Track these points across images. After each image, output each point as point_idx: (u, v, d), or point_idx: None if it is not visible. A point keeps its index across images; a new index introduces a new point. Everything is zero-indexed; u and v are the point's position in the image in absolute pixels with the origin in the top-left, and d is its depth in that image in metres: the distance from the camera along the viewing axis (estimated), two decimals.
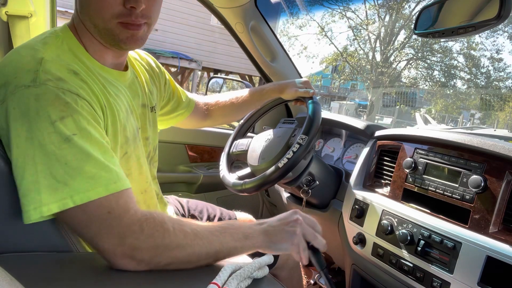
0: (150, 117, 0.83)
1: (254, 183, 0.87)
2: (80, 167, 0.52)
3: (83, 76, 0.60)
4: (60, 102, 0.53)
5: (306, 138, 0.83)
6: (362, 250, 0.97)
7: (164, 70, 0.97)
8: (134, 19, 0.62)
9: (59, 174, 0.51)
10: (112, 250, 0.52)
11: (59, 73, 0.56)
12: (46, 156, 0.51)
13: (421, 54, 16.11)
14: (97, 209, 0.52)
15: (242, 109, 1.11)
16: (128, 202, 0.55)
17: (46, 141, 0.51)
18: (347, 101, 19.73)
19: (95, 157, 0.53)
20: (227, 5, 1.29)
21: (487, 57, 15.65)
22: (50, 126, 0.51)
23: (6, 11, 1.04)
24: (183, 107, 1.05)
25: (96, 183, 0.52)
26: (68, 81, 0.56)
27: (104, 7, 0.60)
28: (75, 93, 0.55)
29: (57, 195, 0.50)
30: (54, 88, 0.53)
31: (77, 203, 0.51)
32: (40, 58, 0.56)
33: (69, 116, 0.53)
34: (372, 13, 16.14)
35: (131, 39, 0.64)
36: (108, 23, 0.62)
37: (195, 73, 10.00)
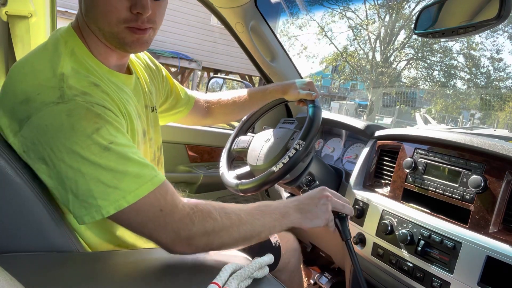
0: (151, 117, 0.83)
1: (250, 184, 0.88)
2: (124, 170, 0.56)
3: (103, 87, 0.62)
4: (92, 115, 0.56)
5: (303, 144, 0.83)
6: (362, 250, 0.97)
7: (161, 66, 0.97)
8: (140, 24, 0.63)
9: (107, 180, 0.54)
10: (170, 242, 0.58)
11: (82, 87, 0.58)
12: (92, 166, 0.54)
13: (421, 54, 16.11)
14: (150, 208, 0.56)
15: (244, 108, 1.11)
16: (174, 196, 0.59)
17: (87, 153, 0.54)
18: (347, 101, 19.73)
19: (133, 158, 0.57)
20: (227, 5, 1.29)
21: (487, 57, 15.66)
22: (88, 139, 0.54)
23: (6, 11, 1.04)
24: (182, 104, 1.04)
25: (141, 180, 0.56)
26: (93, 95, 0.59)
27: (111, 11, 0.61)
28: (101, 105, 0.58)
29: (111, 198, 0.54)
30: (83, 103, 0.56)
31: (130, 202, 0.54)
32: (60, 74, 0.58)
33: (103, 127, 0.56)
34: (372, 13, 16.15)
35: (137, 42, 0.65)
36: (114, 27, 0.62)
37: (195, 73, 10.00)
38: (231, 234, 0.61)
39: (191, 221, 0.58)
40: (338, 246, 1.16)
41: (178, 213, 0.58)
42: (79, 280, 0.50)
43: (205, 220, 0.59)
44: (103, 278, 0.52)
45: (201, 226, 0.58)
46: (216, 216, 0.60)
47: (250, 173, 1.02)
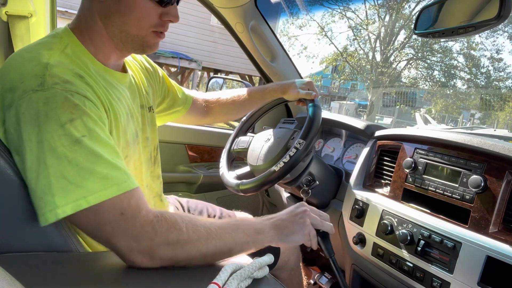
0: (148, 117, 0.83)
1: (250, 184, 0.88)
2: (92, 168, 0.52)
3: (88, 79, 0.61)
4: (69, 105, 0.54)
5: (304, 143, 0.83)
6: (362, 250, 0.97)
7: (157, 67, 0.98)
8: (166, 29, 0.70)
9: (71, 175, 0.51)
10: (128, 251, 0.53)
11: (65, 76, 0.56)
12: (58, 158, 0.51)
13: (421, 54, 16.11)
14: (110, 210, 0.53)
15: (243, 107, 1.11)
16: (139, 202, 0.56)
17: (56, 143, 0.51)
18: (347, 101, 19.73)
19: (105, 157, 0.54)
20: (227, 5, 1.29)
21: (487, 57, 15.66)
22: (60, 128, 0.52)
23: (6, 11, 1.04)
24: (180, 104, 1.05)
25: (108, 183, 0.53)
26: (75, 84, 0.56)
27: (144, 18, 0.65)
28: (82, 95, 0.56)
29: (71, 197, 0.51)
30: (62, 91, 0.54)
31: (91, 203, 0.51)
32: (45, 63, 0.57)
33: (78, 118, 0.54)
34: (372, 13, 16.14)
35: (156, 45, 0.71)
36: (144, 31, 0.67)
37: (195, 73, 9.99)
38: (198, 248, 0.56)
39: (154, 230, 0.54)
40: (338, 246, 1.16)
41: (140, 219, 0.54)
42: (79, 280, 0.50)
43: (169, 230, 0.55)
44: (103, 278, 0.52)
45: (164, 236, 0.54)
46: (181, 227, 0.56)
47: (250, 173, 1.02)
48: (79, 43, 0.65)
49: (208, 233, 0.58)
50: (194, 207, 1.12)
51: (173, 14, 0.68)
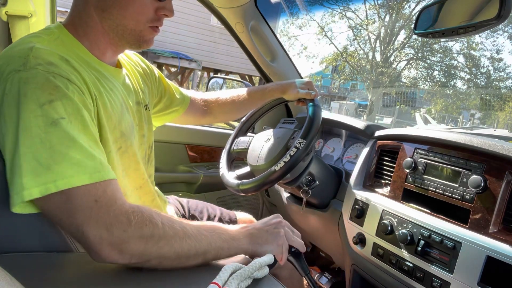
0: (145, 115, 0.84)
1: (250, 184, 0.87)
2: (65, 152, 0.51)
3: (74, 64, 0.60)
4: (50, 86, 0.52)
5: (304, 142, 0.83)
6: (362, 250, 0.97)
7: (153, 67, 0.98)
8: (161, 24, 0.71)
9: (43, 157, 0.49)
10: (98, 241, 0.50)
11: (49, 58, 0.56)
12: (31, 139, 0.50)
13: (421, 54, 16.11)
14: (83, 197, 0.51)
15: (243, 107, 1.11)
16: (115, 192, 0.54)
17: (32, 123, 0.50)
18: (347, 101, 19.73)
19: (80, 144, 0.52)
20: (227, 5, 1.29)
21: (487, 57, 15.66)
22: (38, 108, 0.51)
23: (6, 11, 1.04)
24: (177, 104, 1.05)
25: (80, 170, 0.51)
26: (59, 66, 0.56)
27: (142, 12, 0.67)
28: (65, 77, 0.55)
29: (40, 179, 0.49)
30: (44, 72, 0.53)
31: (60, 188, 0.49)
32: (31, 46, 0.56)
33: (58, 100, 0.52)
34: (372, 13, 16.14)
35: (151, 40, 0.72)
36: (141, 26, 0.68)
37: (195, 73, 9.99)
38: (172, 246, 0.54)
39: (128, 220, 0.52)
40: (338, 246, 1.16)
41: (116, 208, 0.52)
42: (79, 280, 0.50)
43: (144, 223, 0.53)
44: (103, 278, 0.52)
45: (138, 228, 0.52)
46: (157, 222, 0.54)
47: (250, 173, 1.02)
48: (72, 37, 0.66)
49: (184, 232, 0.56)
50: (194, 207, 1.12)
51: (168, 8, 0.70)
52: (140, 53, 0.93)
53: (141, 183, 0.79)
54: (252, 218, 1.23)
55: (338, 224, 1.11)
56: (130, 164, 0.74)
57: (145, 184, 0.81)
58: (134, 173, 0.77)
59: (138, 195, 0.79)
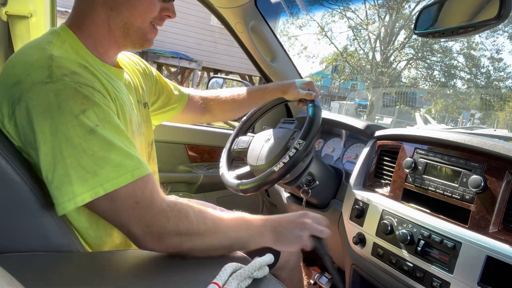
0: (144, 113, 0.85)
1: (250, 184, 0.88)
2: (107, 156, 0.54)
3: (92, 70, 0.62)
4: (80, 96, 0.55)
5: (303, 143, 0.83)
6: (362, 250, 0.97)
7: (150, 67, 0.99)
8: (162, 25, 0.74)
9: (88, 165, 0.53)
10: (141, 236, 0.57)
11: (72, 67, 0.58)
12: (74, 148, 0.53)
13: (421, 54, 16.10)
14: (126, 199, 0.55)
15: (242, 106, 1.11)
16: (153, 190, 0.58)
17: (71, 134, 0.53)
18: (347, 101, 19.72)
19: (118, 145, 0.56)
20: (227, 5, 1.29)
21: (487, 57, 15.66)
22: (74, 119, 0.53)
23: (6, 11, 1.04)
24: (175, 101, 1.05)
25: (122, 170, 0.55)
26: (82, 75, 0.58)
27: (150, 11, 0.69)
28: (90, 86, 0.58)
29: (88, 185, 0.53)
30: (72, 83, 0.55)
31: (108, 190, 0.53)
32: (50, 55, 0.58)
33: (90, 109, 0.55)
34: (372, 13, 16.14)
35: (152, 40, 0.74)
36: (146, 23, 0.70)
37: (195, 73, 9.99)
38: (204, 240, 0.60)
39: (166, 219, 0.57)
40: (338, 246, 1.16)
41: (155, 209, 0.57)
42: (79, 280, 0.50)
43: (181, 220, 0.58)
44: (103, 278, 0.52)
45: (175, 226, 0.58)
46: (192, 219, 0.60)
47: (250, 173, 1.02)
48: (77, 39, 0.66)
49: (215, 227, 0.62)
50: None
51: (172, 10, 0.73)
52: (140, 53, 0.94)
53: None
54: None
55: (338, 224, 1.11)
56: None
57: None
58: None
59: None
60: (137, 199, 0.56)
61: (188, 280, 0.54)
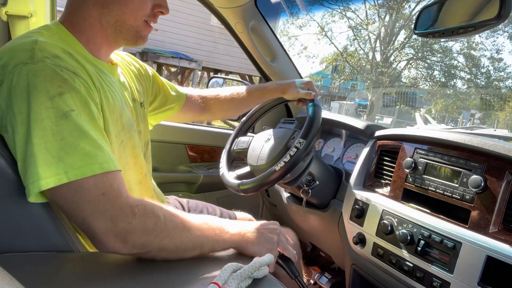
0: (140, 112, 0.85)
1: (251, 184, 0.87)
2: (76, 143, 0.52)
3: (77, 57, 0.62)
4: (58, 78, 0.54)
5: (304, 142, 0.83)
6: (362, 250, 0.97)
7: (146, 66, 0.99)
8: (156, 21, 0.74)
9: (54, 149, 0.51)
10: (104, 232, 0.53)
11: (55, 51, 0.57)
12: (43, 130, 0.51)
13: (421, 54, 16.11)
14: (92, 189, 0.53)
15: (242, 105, 1.11)
16: (121, 186, 0.56)
17: (43, 115, 0.51)
18: (347, 101, 19.72)
19: (90, 135, 0.54)
20: (227, 5, 1.29)
21: (487, 57, 15.67)
22: (48, 101, 0.52)
23: (6, 11, 1.04)
24: (173, 101, 1.05)
25: (90, 160, 0.53)
26: (64, 59, 0.57)
27: (141, 8, 0.69)
28: (72, 71, 0.56)
29: (52, 170, 0.50)
30: (52, 65, 0.54)
31: (71, 178, 0.51)
32: (35, 39, 0.58)
33: (67, 93, 0.54)
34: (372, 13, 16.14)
35: (147, 37, 0.74)
36: (138, 21, 0.70)
37: (195, 73, 9.98)
38: (173, 239, 0.57)
39: (132, 213, 0.54)
40: (338, 246, 1.16)
41: (121, 202, 0.54)
42: (79, 280, 0.50)
43: (147, 215, 0.56)
44: (103, 278, 0.52)
45: (142, 221, 0.55)
46: (159, 214, 0.57)
47: (250, 173, 1.02)
48: (69, 34, 0.67)
49: (184, 225, 0.59)
50: (194, 207, 1.12)
51: (164, 6, 0.73)
52: (140, 53, 0.94)
53: (140, 177, 0.80)
54: (252, 218, 1.23)
55: (338, 224, 1.11)
56: (130, 158, 0.76)
57: (144, 179, 0.82)
58: (134, 167, 0.77)
59: (139, 190, 0.80)
60: (104, 190, 0.53)
61: (188, 280, 0.54)
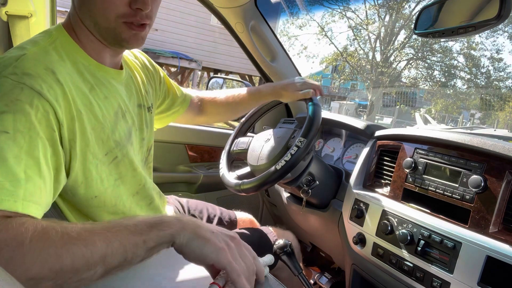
0: (146, 117, 0.82)
1: (252, 184, 0.87)
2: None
3: (61, 76, 0.56)
4: (10, 98, 0.48)
5: (305, 141, 0.83)
6: (362, 250, 0.97)
7: (158, 67, 0.96)
8: (139, 19, 0.63)
9: None
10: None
11: (30, 70, 0.52)
12: None
13: (421, 54, 16.12)
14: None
15: (238, 109, 1.10)
16: None
17: None
18: (347, 101, 19.72)
19: (10, 165, 0.45)
20: (227, 5, 1.29)
21: (487, 57, 15.69)
22: None
23: (6, 11, 1.04)
24: (179, 103, 1.04)
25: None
26: (37, 78, 0.52)
27: (109, 7, 0.60)
28: (37, 91, 0.50)
29: None
30: (14, 82, 0.50)
31: None
32: (21, 55, 0.54)
33: (11, 113, 0.47)
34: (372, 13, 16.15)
35: (134, 38, 0.65)
36: (112, 22, 0.62)
37: (195, 73, 9.99)
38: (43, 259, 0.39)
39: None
40: (338, 246, 1.16)
41: None
42: None
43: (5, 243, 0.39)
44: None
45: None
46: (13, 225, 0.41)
47: (250, 174, 1.02)
48: (70, 39, 0.64)
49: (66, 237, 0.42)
50: (194, 207, 1.12)
51: (141, 1, 0.61)
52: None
53: (138, 188, 0.77)
54: (252, 218, 1.23)
55: (338, 224, 1.11)
56: (126, 172, 0.72)
57: (142, 190, 0.79)
58: (131, 180, 0.74)
59: (134, 201, 0.77)
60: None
61: (188, 280, 0.54)
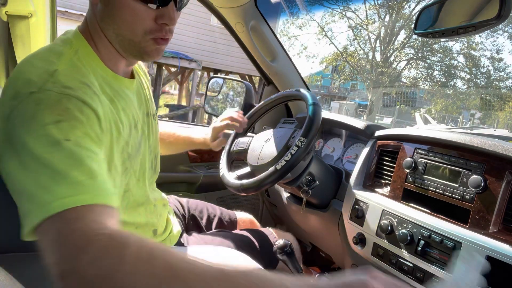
0: (153, 125, 0.81)
1: (252, 184, 0.87)
2: (67, 171, 0.46)
3: (96, 89, 0.58)
4: (60, 107, 0.50)
5: (305, 141, 0.83)
6: (362, 250, 0.97)
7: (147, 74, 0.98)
8: (164, 34, 0.64)
9: (44, 179, 0.45)
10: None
11: (69, 83, 0.53)
12: (34, 161, 0.46)
13: (421, 54, 16.12)
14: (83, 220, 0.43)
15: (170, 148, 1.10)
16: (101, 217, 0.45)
17: (35, 144, 0.47)
18: (347, 101, 19.73)
19: (87, 163, 0.48)
20: (227, 5, 1.29)
21: (487, 57, 15.68)
22: (41, 128, 0.47)
23: (6, 11, 1.04)
24: None
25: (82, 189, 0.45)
26: (78, 90, 0.53)
27: (137, 22, 0.61)
28: (82, 100, 0.52)
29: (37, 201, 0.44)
30: (58, 94, 0.51)
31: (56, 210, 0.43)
32: (53, 71, 0.54)
33: (67, 121, 0.49)
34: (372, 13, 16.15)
35: (156, 52, 0.66)
36: (139, 37, 0.62)
37: (195, 73, 9.99)
38: None
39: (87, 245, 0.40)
40: (338, 246, 1.16)
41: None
42: None
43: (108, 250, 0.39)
44: None
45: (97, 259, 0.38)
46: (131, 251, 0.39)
47: (250, 173, 1.02)
48: (89, 48, 0.63)
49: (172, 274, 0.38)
50: (194, 207, 1.12)
51: (168, 16, 0.62)
52: None
53: (142, 200, 0.77)
54: (252, 218, 1.23)
55: (338, 224, 1.11)
56: (133, 183, 0.72)
57: (147, 201, 0.79)
58: (136, 191, 0.74)
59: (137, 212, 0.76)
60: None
61: None
